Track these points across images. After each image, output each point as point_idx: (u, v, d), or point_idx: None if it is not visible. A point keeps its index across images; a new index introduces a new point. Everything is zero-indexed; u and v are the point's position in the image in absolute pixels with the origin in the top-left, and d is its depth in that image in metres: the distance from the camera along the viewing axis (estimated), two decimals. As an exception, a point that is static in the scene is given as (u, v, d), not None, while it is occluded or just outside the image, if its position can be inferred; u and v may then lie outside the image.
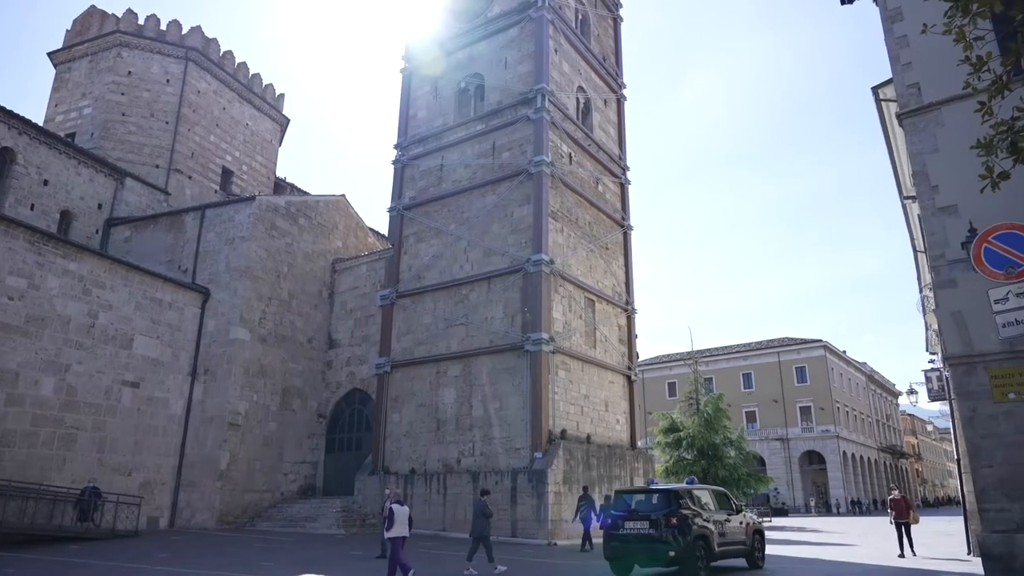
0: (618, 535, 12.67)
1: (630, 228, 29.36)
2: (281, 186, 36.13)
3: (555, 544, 19.29)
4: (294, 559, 15.29)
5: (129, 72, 31.02)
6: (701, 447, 37.68)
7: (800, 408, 66.50)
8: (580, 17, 29.66)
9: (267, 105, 35.88)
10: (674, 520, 12.10)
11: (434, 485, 22.59)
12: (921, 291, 32.81)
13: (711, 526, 12.91)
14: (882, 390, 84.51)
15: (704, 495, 13.86)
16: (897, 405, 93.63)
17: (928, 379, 15.55)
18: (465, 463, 22.59)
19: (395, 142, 28.64)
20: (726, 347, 71.73)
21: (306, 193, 34.52)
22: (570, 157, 26.21)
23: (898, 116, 12.69)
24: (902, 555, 16.15)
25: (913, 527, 16.81)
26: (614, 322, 27.24)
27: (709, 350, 69.98)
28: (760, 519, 40.08)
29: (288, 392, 25.79)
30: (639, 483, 25.50)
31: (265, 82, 35.85)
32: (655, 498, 13.07)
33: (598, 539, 15.40)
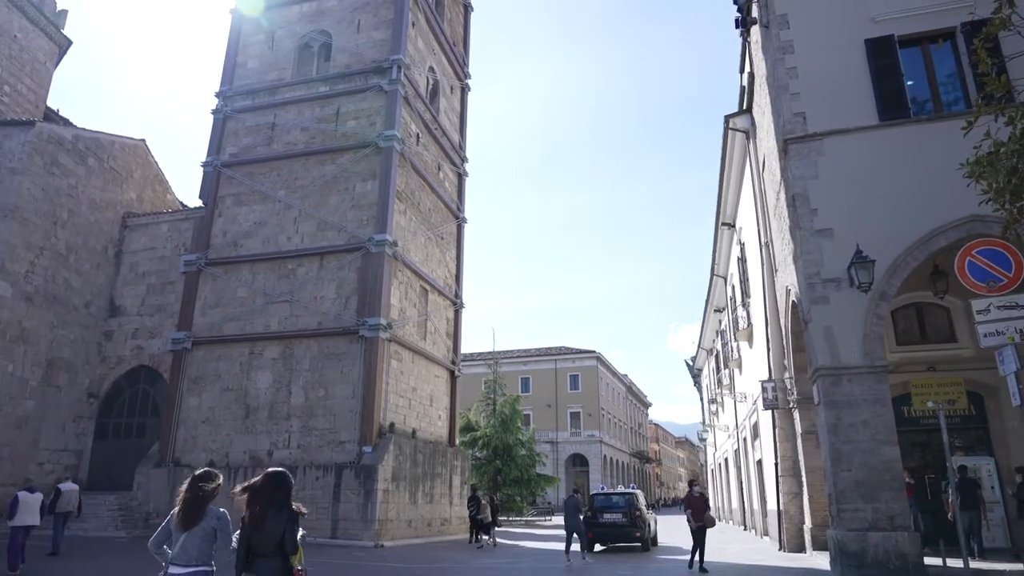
0: (599, 523, 17.90)
1: (464, 221, 28.72)
2: (53, 119, 29.95)
3: (382, 546, 17.89)
4: (85, 570, 12.31)
5: None
6: (496, 447, 38.23)
7: (570, 413, 70.58)
8: (436, -4, 28.49)
9: (43, 19, 29.61)
10: (637, 513, 18.04)
11: (239, 481, 19.85)
12: (706, 311, 36.28)
13: (649, 517, 19.17)
14: (637, 400, 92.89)
15: (641, 497, 19.62)
16: (647, 415, 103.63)
17: (764, 388, 16.73)
18: (279, 456, 20.21)
19: (217, 90, 25.14)
20: (508, 351, 73.96)
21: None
22: (418, 138, 24.91)
23: (784, 142, 13.43)
24: (702, 569, 13.20)
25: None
26: (443, 314, 26.38)
27: (491, 353, 71.82)
28: (548, 518, 41.20)
29: (54, 365, 21.22)
30: (456, 480, 24.89)
31: (44, -9, 29.64)
32: (622, 499, 18.64)
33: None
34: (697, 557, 13.56)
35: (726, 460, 35.32)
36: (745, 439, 25.08)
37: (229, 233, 23.13)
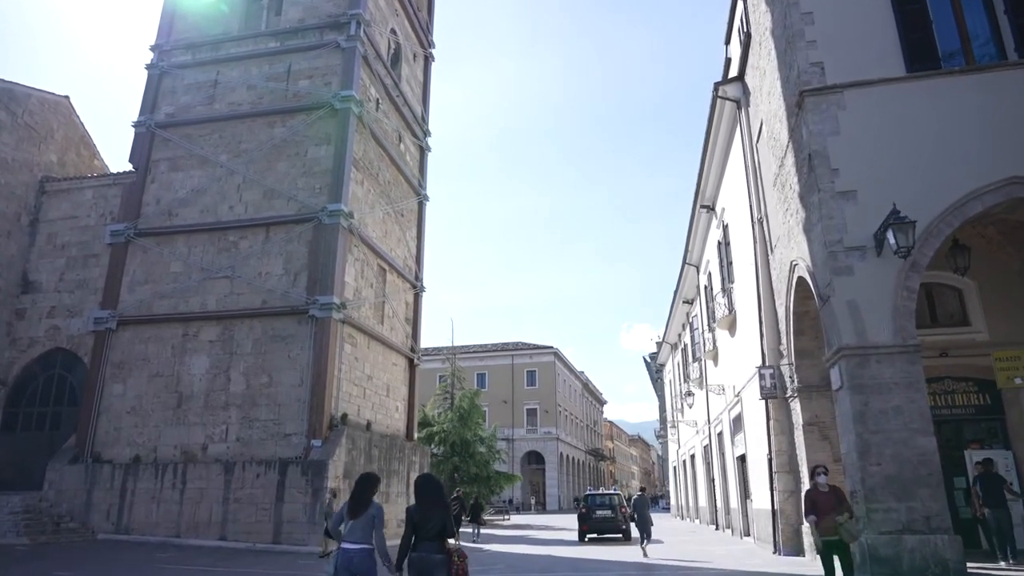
0: (592, 518, 21.74)
1: (426, 198, 26.64)
2: (-36, 75, 26.88)
3: (332, 553, 15.77)
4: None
5: None
6: (454, 443, 36.31)
7: (527, 410, 68.91)
8: (399, -46, 26.34)
9: (-45, -37, 26.54)
10: (623, 510, 21.65)
11: (168, 478, 17.53)
12: (674, 303, 34.98)
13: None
14: (592, 398, 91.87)
15: (622, 497, 23.22)
16: (602, 412, 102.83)
17: (761, 376, 15.25)
18: (214, 450, 17.92)
19: (152, 43, 22.56)
20: (464, 346, 72.04)
21: None
22: (377, 103, 22.78)
23: (800, 94, 11.89)
24: None
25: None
26: (402, 298, 24.29)
27: (449, 348, 69.76)
28: (506, 517, 39.38)
29: (-49, 345, 18.47)
30: (415, 478, 22.88)
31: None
32: (610, 499, 22.81)
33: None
34: None
35: (692, 456, 34.09)
36: (720, 433, 23.75)
37: (163, 201, 20.64)
